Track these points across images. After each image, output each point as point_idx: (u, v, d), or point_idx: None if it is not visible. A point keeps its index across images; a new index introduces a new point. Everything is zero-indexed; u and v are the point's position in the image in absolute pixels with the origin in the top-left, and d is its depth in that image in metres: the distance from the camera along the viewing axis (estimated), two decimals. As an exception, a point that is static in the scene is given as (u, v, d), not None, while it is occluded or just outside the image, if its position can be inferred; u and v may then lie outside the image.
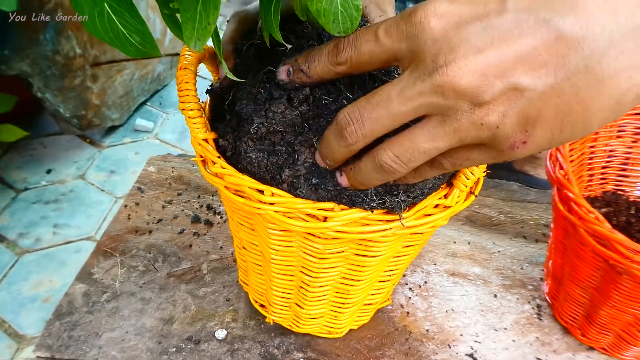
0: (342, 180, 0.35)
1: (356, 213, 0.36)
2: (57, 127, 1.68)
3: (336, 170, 0.35)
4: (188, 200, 0.71)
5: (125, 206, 0.70)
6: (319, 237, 0.39)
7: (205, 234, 0.66)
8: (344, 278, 0.46)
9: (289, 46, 0.37)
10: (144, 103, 1.94)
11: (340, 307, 0.50)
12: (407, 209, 0.37)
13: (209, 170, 0.40)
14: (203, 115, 0.41)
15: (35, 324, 1.21)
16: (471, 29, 0.26)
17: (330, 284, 0.46)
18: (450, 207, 0.39)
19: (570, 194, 0.47)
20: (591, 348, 0.56)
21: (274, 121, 0.36)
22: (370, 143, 0.31)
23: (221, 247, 0.64)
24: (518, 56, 0.26)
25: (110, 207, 1.52)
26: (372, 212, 0.36)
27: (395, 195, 0.36)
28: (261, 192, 0.37)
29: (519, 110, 0.27)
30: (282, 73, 0.36)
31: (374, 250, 0.41)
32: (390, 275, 0.49)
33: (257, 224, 0.43)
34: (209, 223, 0.68)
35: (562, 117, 0.27)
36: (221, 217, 0.68)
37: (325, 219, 0.37)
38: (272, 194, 0.36)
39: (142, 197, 0.71)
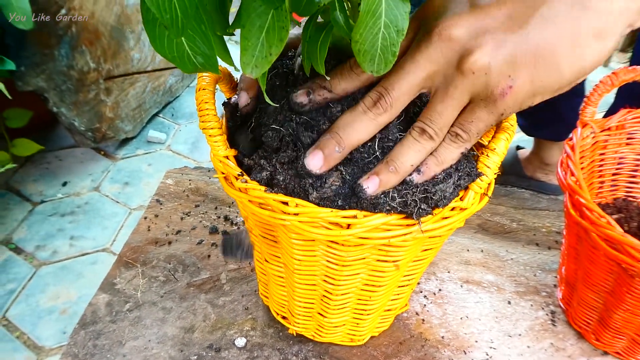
0: (373, 182, 0.37)
1: (378, 219, 0.38)
2: (72, 140, 1.71)
3: (362, 179, 0.37)
4: (206, 212, 0.73)
5: (145, 218, 0.71)
6: (342, 245, 0.41)
7: (223, 244, 0.67)
8: (366, 284, 0.47)
9: (328, 78, 0.38)
10: (156, 115, 1.97)
11: (362, 314, 0.51)
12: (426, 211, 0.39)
13: (233, 185, 0.41)
14: (223, 133, 0.43)
15: (54, 336, 1.23)
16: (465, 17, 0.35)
17: (352, 291, 0.47)
18: (466, 208, 0.40)
19: (582, 200, 0.48)
20: (605, 353, 0.57)
21: (302, 149, 0.38)
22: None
23: (239, 257, 0.66)
24: (495, 19, 0.34)
25: (125, 218, 1.54)
26: (391, 215, 0.38)
27: (416, 203, 0.37)
28: (285, 203, 0.38)
29: (499, 57, 0.34)
30: (301, 96, 0.38)
31: (395, 255, 0.43)
32: (409, 280, 0.50)
33: (281, 236, 0.44)
34: (226, 234, 0.69)
35: (535, 60, 0.34)
36: (238, 228, 0.70)
37: (348, 226, 0.38)
38: (297, 205, 0.38)
39: (161, 209, 0.73)
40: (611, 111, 1.04)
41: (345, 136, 0.37)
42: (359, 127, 0.37)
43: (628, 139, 0.61)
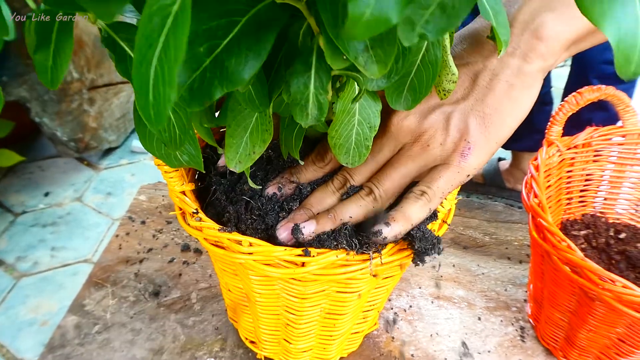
0: (310, 225, 0.39)
1: (332, 256, 0.38)
2: (55, 150, 1.70)
3: (302, 222, 0.39)
4: (178, 229, 0.72)
5: (117, 236, 0.71)
6: (300, 280, 0.41)
7: (194, 262, 0.67)
8: (329, 313, 0.47)
9: (302, 163, 0.43)
10: (140, 124, 1.96)
11: (327, 339, 0.51)
12: (378, 249, 0.39)
13: (188, 223, 0.41)
14: (177, 170, 0.43)
15: (33, 348, 1.22)
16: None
17: (315, 319, 0.47)
18: None
19: (543, 222, 0.48)
20: (573, 370, 0.57)
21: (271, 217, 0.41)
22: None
23: (210, 276, 0.66)
24: (439, 103, 0.40)
25: (108, 228, 1.53)
26: (348, 253, 0.38)
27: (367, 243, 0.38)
28: (239, 242, 0.38)
29: (451, 127, 0.39)
30: (273, 189, 0.42)
31: (354, 286, 0.43)
32: (372, 305, 0.50)
33: (239, 271, 0.44)
34: (198, 251, 0.69)
35: (484, 122, 0.39)
36: (211, 245, 0.70)
37: (303, 264, 0.38)
38: (250, 244, 0.38)
39: (133, 226, 0.72)
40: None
41: (315, 210, 0.41)
42: (327, 204, 0.41)
43: (595, 156, 0.62)
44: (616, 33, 0.20)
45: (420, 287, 0.66)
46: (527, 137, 1.17)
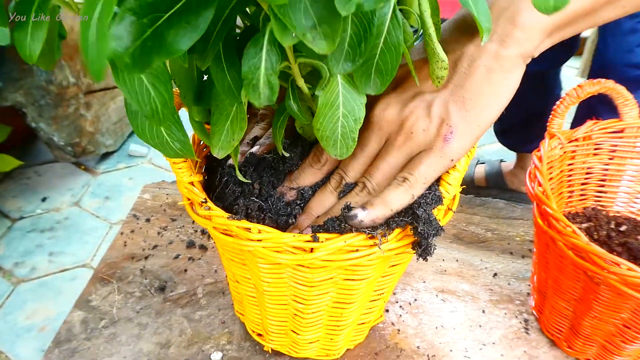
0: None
1: (340, 242, 0.38)
2: (52, 155, 1.70)
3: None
4: (183, 226, 0.73)
5: (122, 233, 0.71)
6: (308, 267, 0.41)
7: (200, 259, 0.68)
8: (336, 302, 0.47)
9: (287, 154, 0.45)
10: (137, 129, 1.96)
11: (335, 330, 0.52)
12: (386, 233, 0.39)
13: (197, 212, 0.42)
14: (186, 161, 0.43)
15: (32, 354, 1.21)
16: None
17: (323, 309, 0.48)
18: None
19: (549, 210, 0.49)
20: (577, 359, 0.58)
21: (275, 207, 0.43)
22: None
23: (215, 271, 0.66)
24: (419, 92, 0.42)
25: (106, 233, 1.53)
26: (356, 236, 0.38)
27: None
28: (248, 230, 0.39)
29: (433, 114, 0.40)
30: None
31: (362, 273, 0.43)
32: (380, 294, 0.51)
33: (248, 260, 0.44)
34: (203, 248, 0.69)
35: (464, 106, 0.40)
36: (214, 242, 0.70)
37: (311, 250, 0.39)
38: (259, 231, 0.38)
39: (138, 224, 0.73)
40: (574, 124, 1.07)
41: (316, 213, 0.43)
42: (327, 205, 0.43)
43: (595, 149, 0.63)
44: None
45: (424, 281, 0.66)
46: (538, 140, 1.17)
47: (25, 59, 0.31)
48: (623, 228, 0.63)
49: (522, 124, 1.20)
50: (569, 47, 1.07)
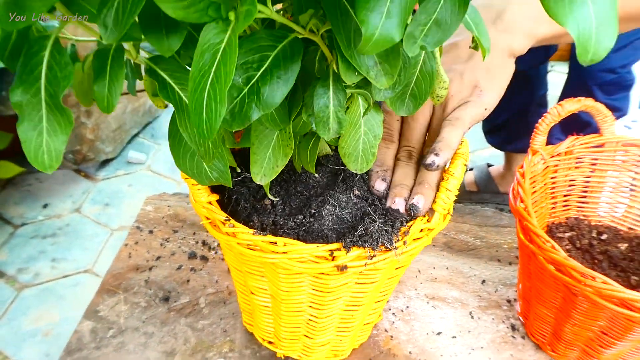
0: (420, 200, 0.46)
1: (358, 250, 0.43)
2: (53, 162, 1.72)
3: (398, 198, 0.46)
4: (184, 237, 0.76)
5: (126, 245, 0.74)
6: (328, 275, 0.45)
7: (201, 269, 0.71)
8: (348, 305, 0.51)
9: (317, 176, 0.49)
10: (136, 135, 1.99)
11: (344, 331, 0.55)
12: (399, 239, 0.44)
13: (219, 230, 0.45)
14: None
15: (37, 359, 1.24)
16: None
17: (335, 312, 0.51)
18: (433, 228, 0.45)
19: (529, 225, 0.52)
20: (560, 363, 0.61)
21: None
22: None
23: (216, 281, 0.69)
24: (451, 60, 0.54)
25: (107, 239, 1.56)
26: (374, 249, 0.42)
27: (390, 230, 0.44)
28: (274, 243, 0.42)
29: (465, 81, 0.51)
30: (378, 182, 0.49)
31: (373, 276, 0.48)
32: (384, 295, 0.55)
33: (268, 272, 0.48)
34: (204, 258, 0.72)
35: (487, 74, 0.51)
36: (215, 253, 0.73)
37: (333, 258, 0.42)
38: (285, 244, 0.42)
39: (141, 235, 0.76)
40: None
41: (408, 184, 0.48)
42: (411, 176, 0.49)
43: (577, 163, 0.66)
44: (576, 29, 0.25)
45: (416, 289, 0.70)
46: (523, 138, 1.21)
47: (102, 110, 0.34)
48: (604, 237, 0.67)
49: (506, 122, 1.24)
50: (546, 49, 1.11)
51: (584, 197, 0.68)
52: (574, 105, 0.61)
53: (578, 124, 0.88)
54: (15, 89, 0.33)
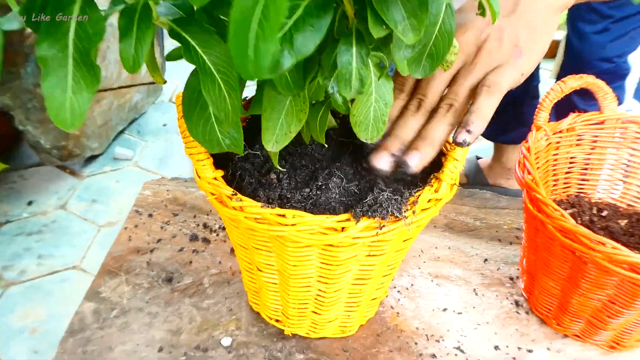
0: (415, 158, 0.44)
1: (368, 221, 0.42)
2: (37, 158, 1.70)
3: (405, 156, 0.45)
4: (185, 220, 0.75)
5: (125, 228, 0.73)
6: (337, 246, 0.45)
7: (204, 251, 0.70)
8: (356, 279, 0.51)
9: (326, 146, 0.49)
10: (122, 132, 1.97)
11: (352, 306, 0.55)
12: (408, 208, 0.43)
13: (226, 205, 0.44)
14: (209, 157, 0.46)
15: (25, 355, 1.21)
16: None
17: (344, 287, 0.51)
18: (441, 199, 0.45)
19: (538, 196, 0.53)
20: (565, 335, 0.62)
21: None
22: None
23: (220, 262, 0.68)
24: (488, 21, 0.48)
25: (94, 235, 1.53)
26: (383, 219, 0.42)
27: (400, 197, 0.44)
28: (283, 216, 0.42)
29: (504, 38, 0.47)
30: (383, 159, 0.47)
31: (382, 248, 0.47)
32: (391, 269, 0.55)
33: (276, 246, 0.47)
34: (206, 240, 0.72)
35: (527, 33, 0.48)
36: (217, 235, 0.72)
37: (342, 229, 0.42)
38: (294, 216, 0.42)
39: (141, 219, 0.75)
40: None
41: (405, 136, 0.46)
42: (415, 126, 0.47)
43: (578, 140, 0.67)
44: None
45: (419, 268, 0.70)
46: (516, 129, 1.22)
47: (127, 70, 0.33)
48: (604, 213, 0.68)
49: (499, 113, 1.25)
50: None
51: (584, 174, 0.69)
52: (576, 81, 0.62)
53: (573, 111, 0.89)
54: (41, 43, 0.32)
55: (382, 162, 0.45)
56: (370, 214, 0.43)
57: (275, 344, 0.59)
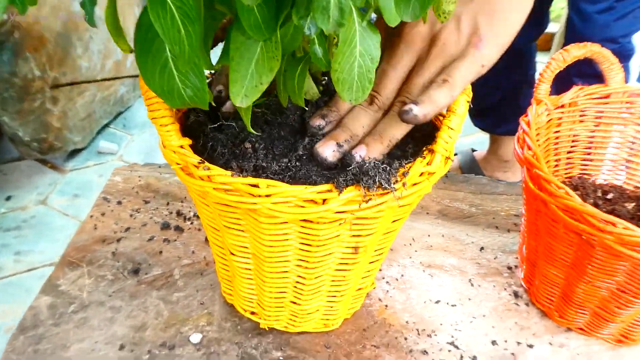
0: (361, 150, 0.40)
1: (352, 191, 0.37)
2: (16, 152, 1.63)
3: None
4: (157, 208, 0.69)
5: (91, 216, 0.67)
6: (317, 223, 0.40)
7: (175, 240, 0.64)
8: (340, 264, 0.46)
9: (306, 109, 0.44)
10: (107, 125, 1.91)
11: (335, 296, 0.50)
12: (397, 180, 0.39)
13: (192, 175, 0.39)
14: (175, 122, 0.41)
15: (2, 354, 1.15)
16: None
17: (326, 273, 0.46)
18: (434, 172, 0.40)
19: (540, 172, 0.47)
20: (569, 329, 0.56)
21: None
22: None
23: (193, 252, 0.63)
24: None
25: (76, 231, 1.47)
26: (369, 190, 0.37)
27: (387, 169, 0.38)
28: (255, 185, 0.37)
29: (462, 25, 0.42)
30: (317, 119, 0.43)
31: (369, 228, 0.42)
32: (379, 255, 0.49)
33: (249, 224, 0.42)
34: (179, 229, 0.66)
35: (490, 17, 0.42)
36: (191, 223, 0.67)
37: (324, 201, 0.37)
38: (268, 186, 0.36)
39: (109, 206, 0.69)
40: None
41: (353, 129, 0.42)
42: (364, 120, 0.42)
43: (581, 116, 0.61)
44: None
45: (410, 257, 0.64)
46: (513, 120, 1.17)
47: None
48: (610, 196, 0.62)
49: (496, 104, 1.20)
50: (539, 24, 1.08)
51: (589, 154, 0.64)
52: (579, 50, 0.56)
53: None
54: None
55: (327, 150, 0.40)
56: (355, 183, 0.38)
57: (250, 340, 0.53)
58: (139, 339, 0.52)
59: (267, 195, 0.37)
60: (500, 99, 1.20)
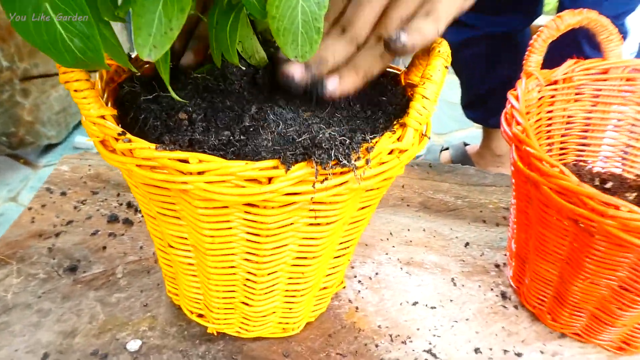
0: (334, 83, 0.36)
1: (304, 169, 0.31)
2: (-14, 147, 1.56)
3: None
4: (105, 199, 0.62)
5: (30, 209, 0.60)
6: (264, 207, 0.33)
7: (122, 234, 0.57)
8: (297, 258, 0.39)
9: (242, 68, 0.37)
10: (84, 120, 1.83)
11: (294, 296, 0.43)
12: (360, 157, 0.32)
13: (113, 151, 0.32)
14: (92, 88, 0.34)
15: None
16: None
17: (281, 268, 0.39)
18: (406, 150, 0.34)
19: (530, 149, 0.40)
20: (563, 335, 0.49)
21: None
22: None
23: (141, 248, 0.56)
24: None
25: (45, 229, 1.40)
26: (324, 167, 0.31)
27: (351, 140, 0.32)
28: (185, 161, 0.30)
29: None
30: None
31: (330, 215, 0.36)
32: (345, 248, 0.43)
33: (184, 209, 0.35)
34: (128, 222, 0.59)
35: None
36: (143, 216, 0.60)
37: (270, 180, 0.31)
38: (200, 161, 0.30)
39: (51, 197, 0.62)
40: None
41: (325, 56, 0.36)
42: (341, 50, 0.37)
43: (576, 94, 0.55)
44: None
45: (387, 254, 0.57)
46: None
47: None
48: (609, 185, 0.56)
49: (488, 94, 1.14)
50: (532, 11, 1.02)
51: (585, 137, 0.57)
52: (574, 17, 0.50)
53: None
54: None
55: (296, 71, 0.35)
56: (306, 158, 0.31)
57: (197, 347, 0.46)
58: (67, 347, 0.45)
59: (199, 173, 0.30)
60: (492, 89, 1.13)
